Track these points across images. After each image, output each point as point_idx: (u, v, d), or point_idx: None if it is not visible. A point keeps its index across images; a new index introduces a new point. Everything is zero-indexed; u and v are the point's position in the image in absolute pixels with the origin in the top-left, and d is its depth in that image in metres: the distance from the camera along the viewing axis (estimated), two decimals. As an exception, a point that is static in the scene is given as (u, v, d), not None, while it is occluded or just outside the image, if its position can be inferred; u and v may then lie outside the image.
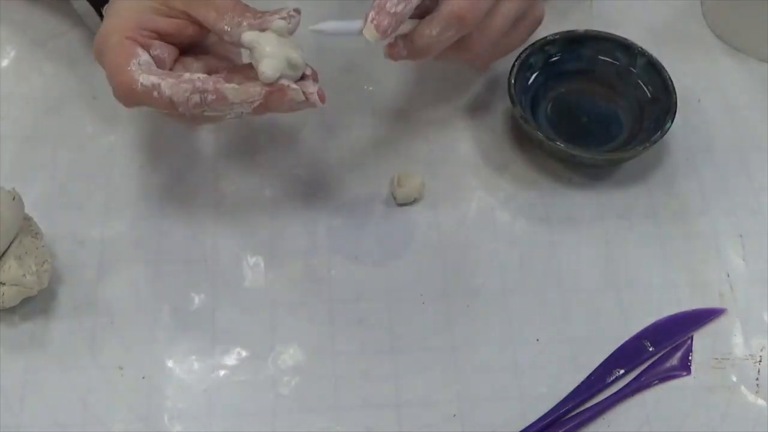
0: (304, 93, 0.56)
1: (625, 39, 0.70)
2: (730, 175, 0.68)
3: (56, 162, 0.68)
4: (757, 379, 0.60)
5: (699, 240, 0.65)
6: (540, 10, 0.64)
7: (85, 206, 0.66)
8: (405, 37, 0.60)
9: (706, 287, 0.63)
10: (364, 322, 0.62)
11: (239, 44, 0.57)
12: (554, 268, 0.64)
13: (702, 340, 0.61)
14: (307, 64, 0.57)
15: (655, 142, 0.65)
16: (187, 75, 0.56)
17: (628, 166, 0.68)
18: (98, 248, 0.64)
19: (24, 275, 0.58)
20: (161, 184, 0.67)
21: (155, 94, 0.55)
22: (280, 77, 0.55)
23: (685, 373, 0.60)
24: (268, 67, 0.54)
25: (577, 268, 0.64)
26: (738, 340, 0.61)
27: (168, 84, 0.55)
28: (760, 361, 0.60)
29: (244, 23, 0.57)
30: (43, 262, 0.60)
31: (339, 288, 0.63)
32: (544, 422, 0.58)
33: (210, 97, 0.55)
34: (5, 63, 0.73)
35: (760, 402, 0.59)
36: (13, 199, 0.59)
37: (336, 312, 0.62)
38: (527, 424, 0.58)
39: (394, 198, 0.66)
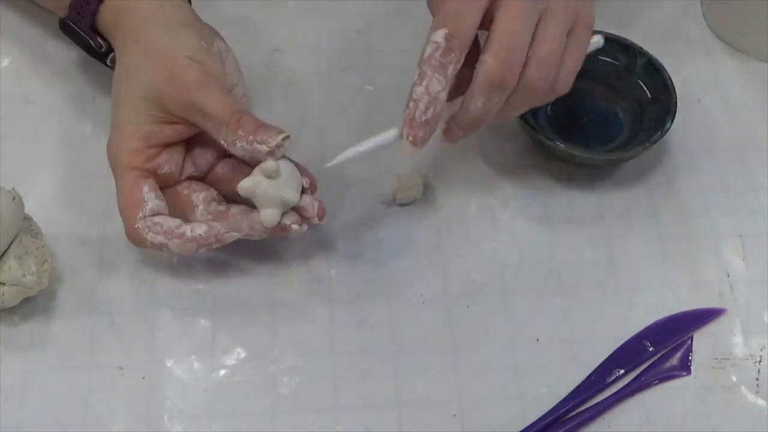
0: (304, 218, 0.60)
1: (625, 39, 0.70)
2: (730, 175, 0.68)
3: (56, 162, 0.68)
4: (757, 379, 0.60)
5: (699, 240, 0.65)
6: (586, 12, 0.60)
7: (85, 206, 0.66)
8: (454, 118, 0.58)
9: (706, 287, 0.63)
10: (364, 322, 0.62)
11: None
12: (554, 268, 0.64)
13: (702, 340, 0.61)
14: (303, 186, 0.60)
15: (655, 142, 0.65)
16: (189, 233, 0.59)
17: (628, 166, 0.68)
18: (98, 248, 0.64)
19: (24, 275, 0.58)
20: (161, 184, 0.67)
21: (164, 249, 0.59)
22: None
23: (685, 373, 0.60)
24: (266, 220, 0.58)
25: (577, 268, 0.64)
26: (738, 340, 0.61)
27: (174, 244, 0.59)
28: (760, 361, 0.60)
29: (237, 144, 0.58)
30: (43, 262, 0.60)
31: (339, 288, 0.63)
32: (544, 422, 0.58)
33: (215, 245, 0.59)
34: (5, 63, 0.73)
35: (760, 402, 0.59)
36: (13, 199, 0.59)
37: (336, 312, 0.62)
38: (527, 424, 0.58)
39: (394, 198, 0.66)
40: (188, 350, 0.60)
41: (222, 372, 0.60)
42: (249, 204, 0.60)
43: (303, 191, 0.60)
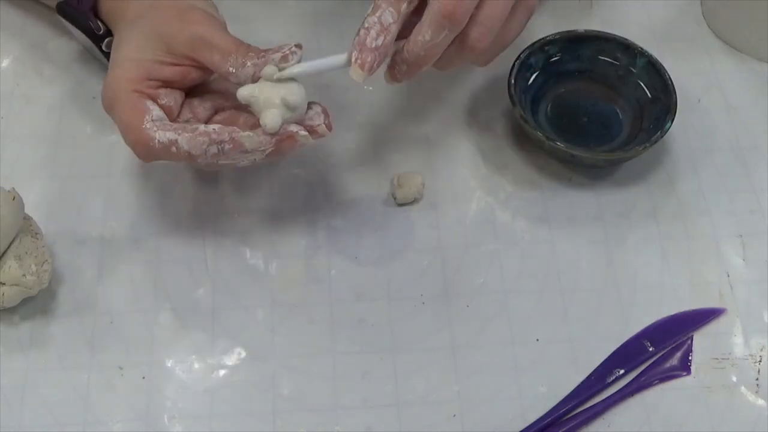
0: (311, 129, 0.58)
1: (625, 39, 0.70)
2: (730, 175, 0.68)
3: (56, 162, 0.68)
4: (757, 379, 0.60)
5: (699, 240, 0.65)
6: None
7: (85, 206, 0.66)
8: (400, 53, 0.59)
9: (706, 287, 0.63)
10: (364, 322, 0.62)
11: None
12: (554, 268, 0.64)
13: (702, 340, 0.61)
14: (309, 101, 0.58)
15: (655, 142, 0.65)
16: (202, 127, 0.56)
17: (628, 166, 0.68)
18: (98, 248, 0.64)
19: (24, 275, 0.58)
20: (161, 184, 0.67)
21: (173, 149, 0.56)
22: (284, 122, 0.56)
23: (685, 373, 0.60)
24: (268, 120, 0.56)
25: (577, 268, 0.64)
26: (738, 340, 0.61)
27: (185, 139, 0.56)
28: (760, 361, 0.60)
29: (248, 63, 0.57)
30: (43, 262, 0.60)
31: (339, 288, 0.63)
32: (544, 422, 0.58)
33: (227, 146, 0.56)
34: (5, 63, 0.73)
35: (760, 402, 0.59)
36: (13, 199, 0.59)
37: (336, 312, 0.62)
38: (527, 424, 0.58)
39: (394, 198, 0.66)
40: (188, 350, 0.60)
41: (222, 372, 0.60)
42: None
43: (310, 106, 0.58)
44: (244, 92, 0.57)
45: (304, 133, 0.57)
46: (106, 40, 0.66)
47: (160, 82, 0.59)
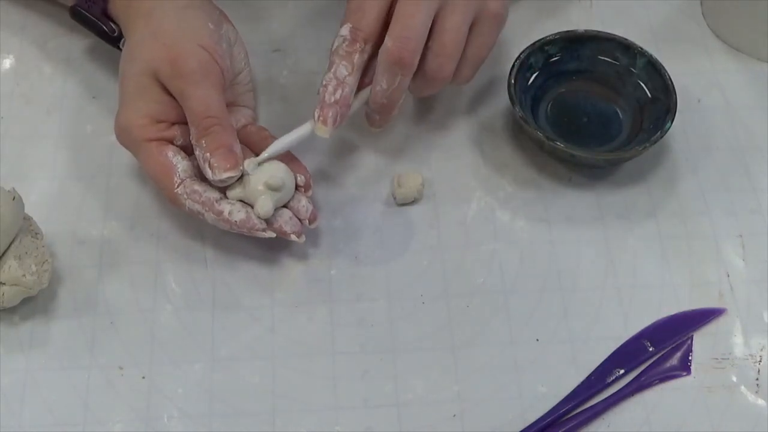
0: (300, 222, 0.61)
1: (625, 39, 0.70)
2: (730, 175, 0.68)
3: (56, 162, 0.68)
4: (757, 379, 0.60)
5: (699, 240, 0.65)
6: (495, 6, 0.63)
7: (85, 206, 0.66)
8: (367, 103, 0.62)
9: (706, 287, 0.63)
10: (364, 322, 0.62)
11: None
12: (554, 268, 0.64)
13: (702, 340, 0.61)
14: (297, 183, 0.62)
15: (655, 142, 0.65)
16: (227, 214, 0.59)
17: (628, 166, 0.68)
18: (98, 248, 0.64)
19: (24, 275, 0.58)
20: (161, 184, 0.67)
21: (200, 217, 0.60)
22: (276, 203, 0.60)
23: (685, 373, 0.60)
24: (260, 211, 0.59)
25: (577, 268, 0.64)
26: (738, 340, 0.61)
27: (211, 218, 0.60)
28: (760, 361, 0.60)
29: (197, 151, 0.60)
30: (43, 262, 0.60)
31: (339, 288, 0.63)
32: (544, 422, 0.58)
33: (247, 234, 0.60)
34: (5, 63, 0.73)
35: (760, 402, 0.59)
36: (13, 199, 0.59)
37: (336, 312, 0.62)
38: (527, 424, 0.58)
39: (394, 198, 0.66)
40: (188, 350, 0.60)
41: (222, 372, 0.60)
42: None
43: (297, 188, 0.62)
44: (234, 195, 0.60)
45: (296, 239, 0.61)
46: (122, 40, 0.66)
47: (168, 123, 0.61)
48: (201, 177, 0.61)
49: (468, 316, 0.62)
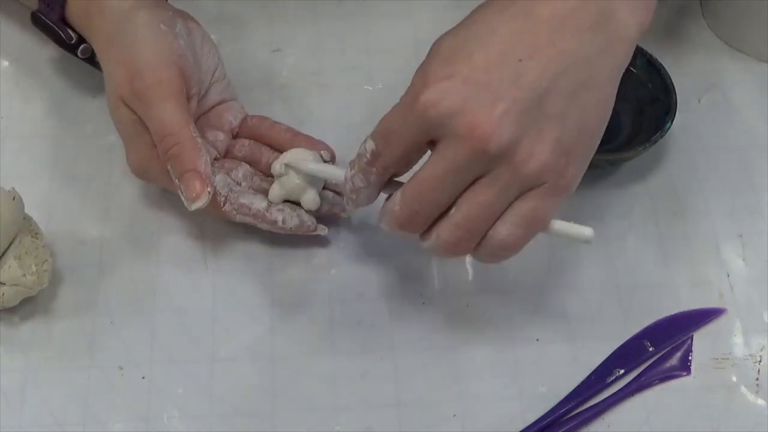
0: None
1: (625, 39, 0.69)
2: (730, 175, 0.68)
3: (56, 162, 0.68)
4: (757, 379, 0.60)
5: (699, 240, 0.65)
6: (557, 175, 0.51)
7: (85, 206, 0.66)
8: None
9: (706, 287, 0.63)
10: (364, 322, 0.62)
11: None
12: (554, 268, 0.64)
13: (702, 340, 0.61)
14: (323, 158, 0.63)
15: (655, 142, 0.65)
16: (280, 222, 0.61)
17: (628, 166, 0.68)
18: (98, 248, 0.64)
19: (24, 275, 0.58)
20: (161, 184, 0.67)
21: (253, 225, 0.61)
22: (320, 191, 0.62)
23: (685, 373, 0.60)
24: (308, 205, 0.62)
25: (577, 268, 0.64)
26: (738, 340, 0.61)
27: (264, 226, 0.61)
28: (760, 361, 0.60)
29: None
30: (43, 262, 0.60)
31: (339, 288, 0.63)
32: (544, 422, 0.58)
33: (303, 234, 0.62)
34: (5, 63, 0.73)
35: (760, 402, 0.59)
36: (13, 199, 0.59)
37: (336, 312, 0.62)
38: (527, 424, 0.58)
39: (394, 198, 0.66)
40: (188, 350, 0.60)
41: (222, 372, 0.60)
42: None
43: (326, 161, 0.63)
44: (276, 197, 0.62)
45: (324, 233, 0.63)
46: (81, 47, 0.65)
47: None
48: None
49: (468, 316, 0.62)
